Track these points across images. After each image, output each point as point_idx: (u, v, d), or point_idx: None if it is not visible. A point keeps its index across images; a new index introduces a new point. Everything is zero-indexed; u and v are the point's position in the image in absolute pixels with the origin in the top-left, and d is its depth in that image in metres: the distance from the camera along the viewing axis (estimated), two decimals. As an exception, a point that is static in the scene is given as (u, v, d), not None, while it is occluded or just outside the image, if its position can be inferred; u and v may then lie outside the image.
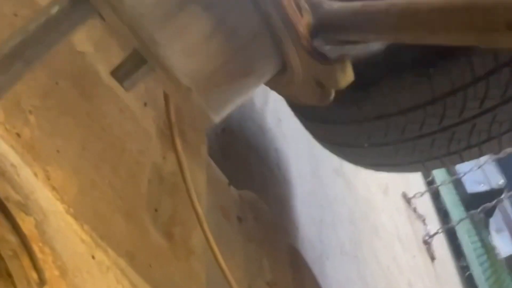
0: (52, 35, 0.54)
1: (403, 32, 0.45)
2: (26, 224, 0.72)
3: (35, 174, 0.82)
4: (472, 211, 3.90)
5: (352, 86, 0.53)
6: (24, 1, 0.99)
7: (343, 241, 2.57)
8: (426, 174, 4.31)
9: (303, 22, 0.50)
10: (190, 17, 0.48)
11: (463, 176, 4.09)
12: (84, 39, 1.10)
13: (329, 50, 0.53)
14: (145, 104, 1.20)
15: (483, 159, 3.84)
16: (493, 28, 0.38)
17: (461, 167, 4.01)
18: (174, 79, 0.50)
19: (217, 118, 0.55)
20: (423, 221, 3.88)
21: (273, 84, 0.62)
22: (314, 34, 0.51)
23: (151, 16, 0.47)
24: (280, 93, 0.68)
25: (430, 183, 4.26)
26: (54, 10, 0.53)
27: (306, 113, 1.75)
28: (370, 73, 1.37)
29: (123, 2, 0.46)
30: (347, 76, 0.50)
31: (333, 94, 0.55)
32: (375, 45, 1.49)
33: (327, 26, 0.51)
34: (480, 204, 3.90)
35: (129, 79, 0.53)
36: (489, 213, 4.23)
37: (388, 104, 1.48)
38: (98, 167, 0.96)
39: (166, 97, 0.82)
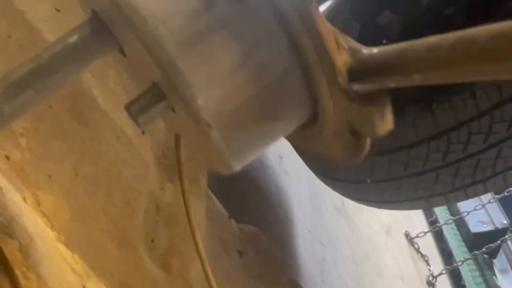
0: (68, 65, 0.50)
1: (457, 66, 0.38)
2: (9, 247, 0.68)
3: (24, 199, 0.79)
4: (476, 252, 3.84)
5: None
6: (18, 22, 0.98)
7: (346, 281, 2.52)
8: (429, 214, 4.28)
9: (341, 58, 0.45)
10: (217, 45, 0.44)
11: (466, 215, 4.04)
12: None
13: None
14: (143, 133, 1.17)
15: (486, 198, 3.81)
16: None
17: (464, 207, 3.98)
18: (194, 112, 0.45)
19: (237, 164, 0.50)
20: (427, 261, 3.82)
21: (298, 138, 0.57)
22: (352, 75, 0.45)
23: (175, 39, 0.43)
24: (306, 148, 0.61)
25: (433, 222, 4.22)
26: (73, 39, 0.50)
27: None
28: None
29: (146, 23, 0.42)
30: (386, 123, 0.45)
31: (368, 147, 0.49)
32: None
33: (366, 69, 0.46)
34: (484, 244, 3.85)
35: (144, 115, 0.49)
36: (493, 253, 4.18)
37: (391, 140, 1.46)
38: (92, 193, 0.93)
39: (177, 139, 0.79)
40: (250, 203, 2.06)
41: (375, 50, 0.45)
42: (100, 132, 1.04)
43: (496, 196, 3.82)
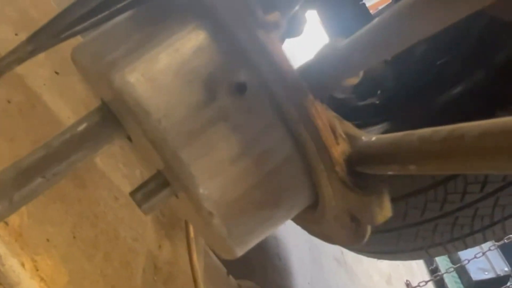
0: (76, 152, 0.51)
1: (448, 159, 0.39)
2: (9, 316, 0.68)
3: (22, 264, 0.78)
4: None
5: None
6: (18, 87, 0.99)
7: (347, 333, 2.48)
8: (429, 262, 4.24)
9: (339, 149, 0.46)
10: (218, 136, 0.45)
11: (467, 263, 4.01)
12: (76, 118, 1.09)
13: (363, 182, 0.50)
14: (141, 191, 1.17)
15: (486, 246, 3.78)
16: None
17: (465, 254, 3.94)
18: (196, 201, 0.46)
19: (239, 250, 0.51)
20: (429, 311, 3.76)
21: (302, 221, 0.57)
22: (350, 165, 0.46)
23: (177, 131, 0.44)
24: (309, 231, 0.62)
25: (433, 271, 4.17)
26: (81, 127, 0.51)
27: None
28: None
29: (149, 116, 0.44)
30: (385, 211, 0.46)
31: (368, 232, 0.50)
32: (373, 131, 1.49)
33: (364, 158, 0.47)
34: (486, 292, 3.81)
35: (148, 202, 0.50)
36: (496, 301, 4.12)
37: (389, 190, 1.46)
38: (90, 256, 0.92)
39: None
40: (248, 256, 2.03)
41: (373, 138, 0.47)
42: (98, 193, 1.04)
43: (496, 243, 3.79)
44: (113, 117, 0.50)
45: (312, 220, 0.55)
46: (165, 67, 0.44)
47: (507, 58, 1.31)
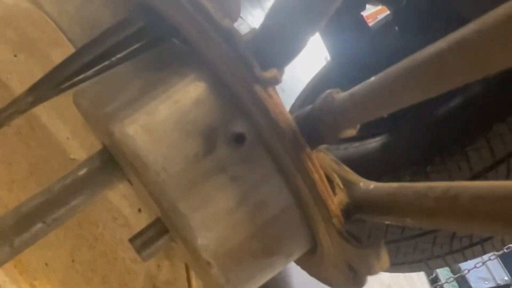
0: (77, 197, 0.51)
1: (441, 217, 0.39)
2: None
3: (21, 290, 0.78)
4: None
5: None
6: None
7: None
8: (429, 271, 4.22)
9: (336, 200, 0.46)
10: (216, 188, 0.45)
11: (467, 273, 4.00)
12: (78, 146, 1.09)
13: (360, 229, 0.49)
14: (140, 210, 1.17)
15: (486, 255, 3.78)
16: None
17: (465, 264, 3.93)
18: (194, 252, 0.46)
19: None
20: (430, 321, 3.75)
21: (303, 263, 0.57)
22: (347, 214, 0.47)
23: (175, 183, 0.44)
24: (309, 272, 0.61)
25: (433, 281, 4.16)
26: (82, 172, 0.51)
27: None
28: (366, 171, 1.37)
29: (148, 169, 0.44)
30: (382, 263, 0.46)
31: (366, 281, 0.50)
32: (371, 144, 1.50)
33: (361, 206, 0.47)
34: (486, 302, 3.80)
35: (147, 249, 0.50)
36: (497, 311, 4.11)
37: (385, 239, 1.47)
38: (88, 279, 0.92)
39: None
40: None
41: (371, 186, 0.47)
42: (97, 214, 1.04)
43: (496, 253, 3.79)
44: (113, 162, 0.50)
45: (311, 263, 0.55)
46: (164, 119, 0.44)
47: (504, 70, 1.32)
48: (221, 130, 0.44)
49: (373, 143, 1.50)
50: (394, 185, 0.44)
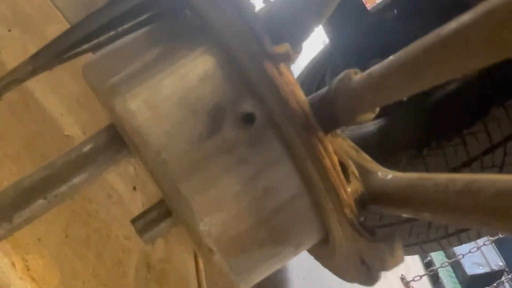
0: (80, 173, 0.49)
1: (461, 213, 0.36)
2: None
3: (13, 264, 0.78)
4: (473, 294, 3.81)
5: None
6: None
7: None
8: (424, 255, 4.25)
9: (350, 188, 0.43)
10: (221, 170, 0.42)
11: (462, 258, 4.02)
12: (72, 122, 1.08)
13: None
14: (134, 188, 1.17)
15: (481, 240, 3.80)
16: None
17: (460, 249, 3.96)
18: (196, 237, 0.43)
19: (243, 285, 0.48)
20: (423, 305, 3.78)
21: (315, 254, 0.55)
22: (362, 204, 0.44)
23: (177, 164, 0.41)
24: (322, 264, 0.59)
25: (428, 264, 4.19)
26: (87, 148, 0.49)
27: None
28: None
29: (149, 146, 0.41)
30: (396, 258, 0.43)
31: (380, 276, 0.47)
32: (369, 127, 1.49)
33: (377, 197, 0.44)
34: (480, 287, 3.83)
35: (149, 232, 0.48)
36: (490, 295, 4.15)
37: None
38: (82, 255, 0.91)
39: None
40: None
41: (389, 176, 0.44)
42: (91, 191, 1.03)
43: (491, 238, 3.81)
44: (119, 139, 0.47)
45: (323, 255, 0.52)
46: (169, 94, 0.42)
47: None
48: (228, 109, 0.42)
49: (370, 126, 1.50)
50: (413, 176, 0.41)
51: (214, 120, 0.41)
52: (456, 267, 4.30)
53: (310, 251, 0.54)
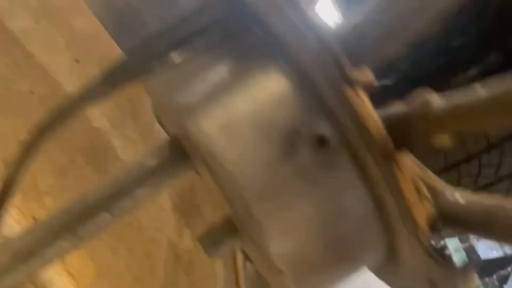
0: (145, 188, 0.49)
1: None
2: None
3: (51, 260, 0.79)
4: (486, 278, 3.81)
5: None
6: (40, 77, 0.99)
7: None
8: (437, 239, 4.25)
9: (423, 213, 0.42)
10: (294, 194, 0.41)
11: (476, 242, 4.02)
12: (100, 114, 1.09)
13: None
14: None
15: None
16: None
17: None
18: (267, 258, 0.43)
19: None
20: None
21: (375, 269, 0.54)
22: (434, 228, 0.43)
23: (251, 186, 0.41)
24: (379, 276, 0.59)
25: (441, 248, 4.19)
26: (152, 162, 0.49)
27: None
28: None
29: (223, 169, 0.41)
30: (469, 284, 0.42)
31: None
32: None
33: (449, 220, 0.43)
34: (494, 271, 3.83)
35: (216, 249, 0.47)
36: (504, 279, 4.14)
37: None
38: (115, 249, 0.93)
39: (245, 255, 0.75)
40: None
41: (457, 196, 0.44)
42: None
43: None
44: (183, 153, 0.47)
45: (383, 269, 0.51)
46: (242, 116, 0.41)
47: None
48: (304, 132, 0.41)
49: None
50: (490, 201, 0.40)
51: (289, 143, 0.41)
52: (470, 251, 4.30)
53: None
